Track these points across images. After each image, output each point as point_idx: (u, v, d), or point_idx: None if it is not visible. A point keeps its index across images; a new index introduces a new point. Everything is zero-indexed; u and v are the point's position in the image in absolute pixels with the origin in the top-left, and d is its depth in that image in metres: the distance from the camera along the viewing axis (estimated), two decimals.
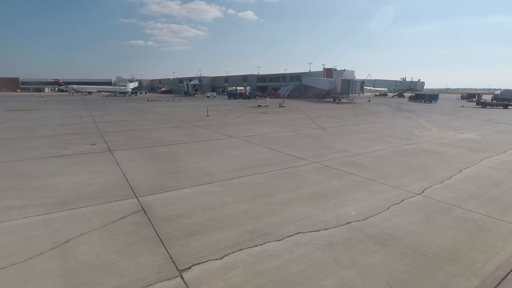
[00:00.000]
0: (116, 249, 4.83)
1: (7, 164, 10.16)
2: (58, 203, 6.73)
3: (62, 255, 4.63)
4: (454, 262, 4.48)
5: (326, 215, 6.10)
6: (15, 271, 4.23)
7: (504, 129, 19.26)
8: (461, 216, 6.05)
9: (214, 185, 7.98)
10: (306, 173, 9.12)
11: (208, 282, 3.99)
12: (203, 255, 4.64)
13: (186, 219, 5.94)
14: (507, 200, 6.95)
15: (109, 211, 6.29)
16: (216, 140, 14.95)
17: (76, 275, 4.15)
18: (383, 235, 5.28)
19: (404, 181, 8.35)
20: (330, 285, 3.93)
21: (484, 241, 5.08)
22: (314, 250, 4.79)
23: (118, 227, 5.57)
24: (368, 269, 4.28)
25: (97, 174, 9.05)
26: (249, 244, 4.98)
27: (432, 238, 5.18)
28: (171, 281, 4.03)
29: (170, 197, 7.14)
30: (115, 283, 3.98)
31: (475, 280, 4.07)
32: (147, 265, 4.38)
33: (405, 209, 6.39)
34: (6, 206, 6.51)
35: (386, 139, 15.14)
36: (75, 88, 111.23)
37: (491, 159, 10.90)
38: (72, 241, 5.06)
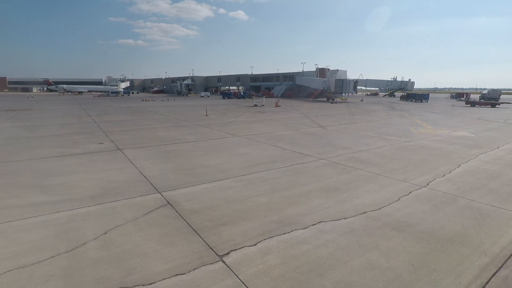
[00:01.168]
0: (154, 238, 5.17)
1: (22, 162, 10.30)
2: (85, 198, 7.00)
3: (105, 245, 4.95)
4: (465, 244, 4.98)
5: (343, 206, 6.55)
6: (67, 259, 4.53)
7: (494, 127, 20.17)
8: (465, 205, 6.60)
9: (231, 181, 8.35)
10: (315, 169, 9.58)
11: (248, 265, 4.38)
12: (237, 242, 5.02)
13: (212, 211, 6.30)
14: (505, 191, 7.55)
15: (137, 205, 6.60)
16: (222, 138, 15.29)
17: (124, 261, 4.48)
18: (398, 222, 5.76)
19: (409, 175, 8.88)
20: (359, 266, 4.37)
21: (489, 226, 5.61)
22: (338, 236, 5.23)
23: (150, 220, 5.90)
24: (389, 251, 4.75)
25: (115, 171, 9.31)
26: (277, 232, 5.38)
27: (442, 224, 5.69)
28: (214, 265, 4.40)
29: (191, 192, 7.48)
30: (163, 267, 4.33)
31: (485, 258, 4.57)
32: (187, 252, 4.74)
33: (414, 200, 6.90)
34: (36, 202, 6.75)
35: (385, 137, 15.75)
36: (65, 88, 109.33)
37: (486, 155, 11.58)
38: (110, 232, 5.37)
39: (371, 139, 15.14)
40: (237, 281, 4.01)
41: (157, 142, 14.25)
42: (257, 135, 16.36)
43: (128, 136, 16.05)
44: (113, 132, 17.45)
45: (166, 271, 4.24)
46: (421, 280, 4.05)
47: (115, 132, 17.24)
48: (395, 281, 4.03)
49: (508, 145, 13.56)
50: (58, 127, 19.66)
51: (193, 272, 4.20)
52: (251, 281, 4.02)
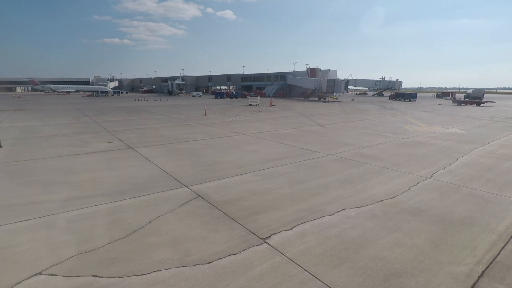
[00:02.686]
0: (198, 226, 5.63)
1: (39, 161, 10.50)
2: (116, 193, 7.37)
3: (154, 232, 5.38)
4: (474, 225, 5.67)
5: (360, 195, 7.17)
6: (124, 244, 4.95)
7: (483, 124, 21.37)
8: (469, 193, 7.33)
9: (250, 175, 8.85)
10: (326, 164, 10.19)
11: (291, 245, 4.92)
12: (275, 228, 5.55)
13: (242, 202, 6.80)
14: (501, 181, 8.35)
15: (170, 198, 7.03)
16: (228, 137, 15.74)
17: (178, 245, 4.93)
18: (412, 208, 6.42)
19: (413, 168, 9.60)
20: (387, 243, 4.97)
21: (492, 210, 6.34)
22: (363, 220, 5.83)
23: (187, 210, 6.35)
24: (411, 232, 5.38)
25: (135, 168, 9.65)
26: (308, 218, 5.94)
27: (451, 209, 6.38)
28: (259, 246, 4.92)
29: (216, 185, 7.95)
30: (214, 250, 4.81)
31: (493, 235, 5.26)
32: (232, 237, 5.24)
33: (423, 189, 7.59)
34: (71, 197, 7.07)
35: (383, 134, 16.57)
36: (52, 88, 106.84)
37: (479, 149, 12.49)
38: (154, 222, 5.80)
39: (371, 136, 15.92)
40: (285, 259, 4.54)
41: (165, 140, 14.58)
42: (261, 133, 16.89)
43: (134, 135, 16.29)
44: (118, 131, 17.62)
45: (219, 252, 4.73)
46: (443, 253, 4.69)
47: (120, 132, 17.42)
48: (421, 255, 4.65)
49: (497, 141, 14.57)
50: (59, 127, 19.64)
51: (244, 253, 4.71)
52: (297, 258, 4.56)
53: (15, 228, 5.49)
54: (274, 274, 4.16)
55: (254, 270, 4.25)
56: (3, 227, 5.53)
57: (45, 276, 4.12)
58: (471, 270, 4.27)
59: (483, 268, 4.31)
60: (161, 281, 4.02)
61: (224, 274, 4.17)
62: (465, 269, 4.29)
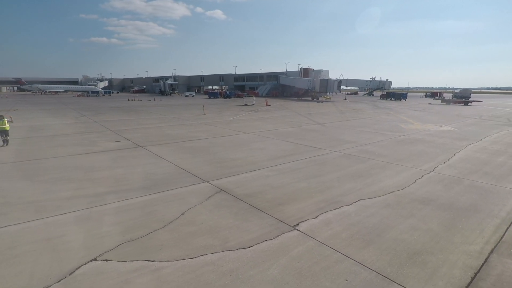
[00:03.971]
0: (229, 216, 6.05)
1: (53, 160, 10.67)
2: (141, 188, 7.70)
3: (190, 222, 5.77)
4: (478, 211, 6.28)
5: (372, 188, 7.72)
6: (166, 233, 5.33)
7: (473, 123, 22.41)
8: (470, 185, 7.98)
9: (265, 171, 9.30)
10: (334, 159, 10.73)
11: (319, 231, 5.40)
12: (301, 216, 6.02)
13: (264, 195, 7.25)
14: (497, 173, 9.06)
15: (195, 192, 7.41)
16: (232, 135, 16.14)
17: (215, 233, 5.35)
18: (421, 198, 6.99)
19: (415, 163, 10.24)
20: (405, 228, 5.51)
21: (493, 199, 6.98)
22: (379, 209, 6.37)
23: (214, 203, 6.75)
24: (423, 218, 5.93)
25: (151, 165, 9.96)
26: (328, 208, 6.43)
27: (456, 198, 6.99)
28: (291, 232, 5.38)
29: (235, 180, 8.36)
30: (250, 236, 5.25)
31: (496, 220, 5.87)
32: (263, 225, 5.68)
33: (428, 182, 8.20)
34: (98, 192, 7.37)
35: (382, 132, 17.28)
36: (40, 88, 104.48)
37: (473, 146, 13.28)
38: (187, 213, 6.19)
39: (370, 134, 16.59)
40: (317, 242, 5.02)
41: (172, 139, 14.87)
42: (263, 132, 17.35)
43: (140, 134, 16.49)
44: (122, 131, 17.78)
45: (255, 238, 5.17)
46: (455, 235, 5.25)
47: (124, 131, 17.58)
48: (436, 237, 5.20)
49: (488, 138, 15.45)
50: (61, 127, 19.61)
51: (278, 238, 5.16)
52: (328, 241, 5.04)
53: (56, 221, 5.78)
54: (310, 255, 4.62)
55: (292, 252, 4.70)
56: (43, 220, 5.82)
57: (101, 261, 4.47)
58: (482, 248, 4.84)
59: (492, 247, 4.89)
60: (210, 263, 4.44)
61: (265, 256, 4.61)
62: (476, 248, 4.86)
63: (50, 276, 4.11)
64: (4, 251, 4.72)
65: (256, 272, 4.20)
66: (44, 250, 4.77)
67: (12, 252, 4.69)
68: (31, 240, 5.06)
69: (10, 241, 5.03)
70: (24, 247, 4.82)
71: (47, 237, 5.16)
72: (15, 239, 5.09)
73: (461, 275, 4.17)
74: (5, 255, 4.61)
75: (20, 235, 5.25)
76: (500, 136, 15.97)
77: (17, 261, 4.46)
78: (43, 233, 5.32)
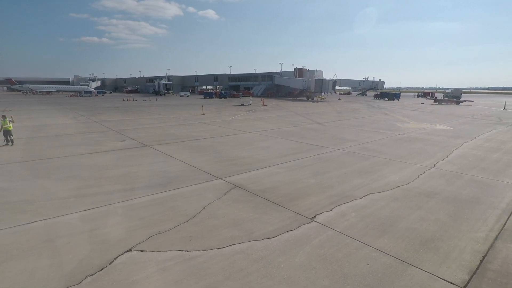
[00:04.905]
0: (248, 210, 6.36)
1: (64, 159, 10.81)
2: (157, 185, 7.95)
3: (213, 216, 6.07)
4: (480, 203, 6.73)
5: (379, 183, 8.12)
6: (191, 226, 5.62)
7: (466, 121, 23.16)
8: (470, 179, 8.46)
9: (274, 168, 9.63)
10: (338, 157, 11.14)
11: (336, 222, 5.76)
12: (316, 210, 6.37)
13: (278, 190, 7.58)
14: (494, 169, 9.58)
15: (211, 188, 7.70)
16: (235, 134, 16.43)
17: (239, 225, 5.66)
18: (426, 192, 7.43)
19: (416, 160, 10.71)
20: (414, 218, 5.92)
21: (493, 192, 7.46)
22: (388, 202, 6.76)
23: (231, 198, 7.05)
24: (431, 210, 6.35)
25: (162, 164, 10.20)
26: (341, 202, 6.80)
27: (459, 192, 7.44)
28: (310, 224, 5.72)
29: (247, 177, 8.67)
30: (272, 228, 5.57)
31: (497, 210, 6.33)
32: (282, 217, 6.01)
33: (430, 177, 8.66)
34: (116, 189, 7.60)
35: (380, 131, 17.80)
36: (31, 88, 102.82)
37: (468, 143, 13.86)
38: (208, 208, 6.48)
39: (369, 133, 17.08)
40: (336, 232, 5.37)
41: (176, 139, 15.08)
42: (265, 131, 17.69)
43: (143, 134, 16.65)
44: (124, 130, 17.90)
45: (277, 229, 5.50)
46: (462, 224, 5.68)
47: (127, 131, 17.71)
48: (444, 226, 5.61)
49: (482, 136, 16.10)
50: (62, 127, 19.61)
51: (299, 229, 5.50)
52: (346, 231, 5.40)
53: (84, 216, 6.02)
54: (332, 243, 4.98)
55: (314, 241, 5.05)
56: (71, 215, 6.04)
57: (136, 252, 4.74)
58: (487, 235, 5.27)
59: (496, 234, 5.33)
60: (240, 251, 4.75)
61: (290, 245, 4.95)
62: (482, 235, 5.29)
63: (92, 265, 4.36)
64: (43, 244, 4.95)
65: (285, 259, 4.53)
66: (80, 242, 5.01)
67: (50, 245, 4.92)
68: (65, 233, 5.29)
69: (45, 234, 5.25)
70: (60, 240, 5.06)
71: (79, 231, 5.40)
72: (49, 232, 5.32)
73: (471, 258, 4.58)
74: (45, 247, 4.84)
75: (53, 229, 5.47)
76: (493, 134, 16.65)
77: (57, 252, 4.70)
78: (74, 227, 5.56)
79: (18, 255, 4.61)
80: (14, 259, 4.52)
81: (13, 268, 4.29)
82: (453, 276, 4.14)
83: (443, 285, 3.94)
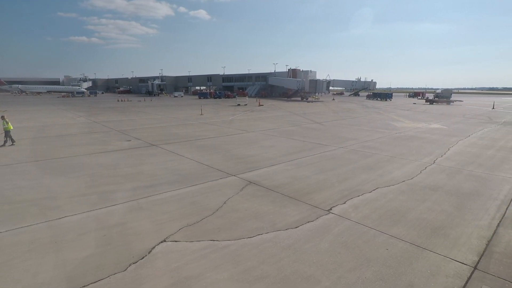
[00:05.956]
0: (267, 204, 6.73)
1: (75, 158, 10.98)
2: (174, 182, 8.25)
3: (234, 209, 6.41)
4: (481, 195, 7.26)
5: (384, 178, 8.60)
6: (217, 219, 5.96)
7: (458, 121, 24.02)
8: (469, 174, 9.02)
9: (283, 165, 10.02)
10: (342, 155, 11.60)
11: (352, 213, 6.18)
12: (330, 203, 6.78)
13: (291, 186, 7.97)
14: (490, 164, 10.19)
15: (227, 185, 8.04)
16: (238, 134, 16.77)
17: (262, 217, 6.02)
18: (430, 186, 7.93)
19: (416, 156, 11.26)
20: (423, 209, 6.39)
21: (491, 184, 8.02)
22: (396, 195, 7.23)
23: (249, 193, 7.41)
24: (436, 201, 6.84)
25: (173, 162, 10.48)
26: (352, 195, 7.23)
27: (460, 185, 7.97)
28: (327, 215, 6.13)
29: (259, 174, 9.04)
30: (293, 219, 5.96)
31: (497, 201, 6.87)
32: (301, 210, 6.40)
33: (432, 172, 9.18)
34: (136, 186, 7.87)
35: (378, 130, 18.39)
36: (20, 88, 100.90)
37: (463, 141, 14.53)
38: (228, 202, 6.82)
39: (368, 131, 17.65)
40: (352, 222, 5.79)
41: (181, 138, 15.33)
42: (267, 130, 18.08)
43: (147, 134, 16.84)
44: (127, 130, 18.04)
45: (298, 220, 5.88)
46: (466, 214, 6.17)
47: (129, 131, 17.85)
48: (451, 216, 6.10)
49: (475, 134, 16.85)
50: (63, 127, 19.60)
51: (318, 220, 5.90)
52: (361, 221, 5.83)
53: (111, 211, 6.29)
54: (351, 232, 5.40)
55: (334, 230, 5.46)
56: (98, 210, 6.31)
57: (171, 242, 5.06)
58: (490, 223, 5.77)
59: (497, 222, 5.83)
60: (268, 240, 5.12)
61: (313, 233, 5.34)
62: (485, 223, 5.78)
63: (132, 255, 4.67)
64: (76, 237, 5.22)
65: (310, 246, 4.92)
66: (114, 234, 5.30)
67: (87, 237, 5.20)
68: (97, 227, 5.57)
69: (79, 228, 5.52)
70: (95, 233, 5.33)
71: (111, 225, 5.68)
72: (82, 226, 5.59)
73: (478, 243, 5.05)
74: (83, 239, 5.12)
75: (84, 223, 5.74)
76: (486, 133, 17.42)
77: (96, 243, 4.98)
78: (104, 221, 5.83)
79: (61, 248, 4.88)
80: (60, 250, 4.78)
81: (67, 257, 4.56)
82: (464, 257, 4.60)
83: (456, 266, 4.40)
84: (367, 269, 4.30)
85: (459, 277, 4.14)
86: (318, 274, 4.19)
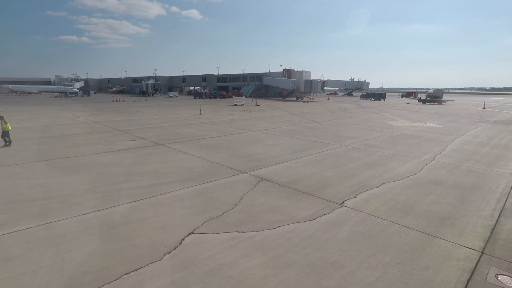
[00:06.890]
0: (282, 198, 7.07)
1: (85, 157, 11.14)
2: (188, 179, 8.52)
3: (252, 204, 6.74)
4: (481, 189, 7.74)
5: (389, 174, 9.03)
6: (238, 213, 6.28)
7: (452, 120, 24.78)
8: (468, 169, 9.52)
9: (290, 163, 10.38)
10: (345, 153, 12.02)
11: (363, 206, 6.56)
12: (342, 197, 7.16)
13: (302, 182, 8.33)
14: (487, 161, 10.74)
15: (240, 181, 8.35)
16: (241, 133, 17.08)
17: (279, 211, 6.36)
18: (433, 181, 8.39)
19: (416, 154, 11.75)
20: (429, 202, 6.82)
21: (490, 179, 8.52)
22: (402, 190, 7.65)
23: (263, 189, 7.74)
24: (440, 195, 7.28)
25: (183, 161, 10.74)
26: (361, 190, 7.63)
27: (461, 180, 8.45)
28: (341, 208, 6.50)
29: (269, 171, 9.37)
30: (308, 212, 6.31)
31: (496, 194, 7.35)
32: (315, 204, 6.76)
33: (433, 168, 9.66)
34: (152, 184, 8.12)
35: (376, 129, 18.92)
36: (11, 88, 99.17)
37: (459, 139, 15.13)
38: (245, 197, 7.14)
39: (367, 130, 18.16)
40: (365, 214, 6.18)
41: (186, 138, 15.57)
42: (268, 130, 18.43)
43: (151, 133, 17.01)
44: (130, 130, 18.17)
45: (315, 213, 6.24)
46: (469, 206, 6.62)
47: (132, 131, 17.99)
48: (455, 208, 6.54)
49: (469, 132, 17.51)
50: (63, 127, 19.60)
51: (334, 212, 6.27)
52: (373, 213, 6.22)
53: (134, 207, 6.54)
54: (365, 222, 5.78)
55: (350, 221, 5.84)
56: (121, 206, 6.55)
57: (199, 234, 5.36)
58: (492, 213, 6.22)
59: (498, 212, 6.30)
60: (289, 231, 5.46)
61: (330, 225, 5.70)
62: (487, 213, 6.24)
63: (165, 245, 4.95)
64: (107, 230, 5.47)
65: (330, 236, 5.28)
66: (142, 228, 5.57)
67: (117, 231, 5.46)
68: (123, 222, 5.83)
69: (105, 223, 5.77)
70: (124, 227, 5.59)
71: (136, 219, 5.94)
72: (108, 221, 5.84)
73: (483, 231, 5.49)
74: (113, 233, 5.38)
75: (110, 218, 5.99)
76: (479, 131, 18.11)
77: (127, 236, 5.25)
78: (128, 216, 6.08)
79: (95, 240, 5.13)
80: (95, 242, 5.04)
81: (105, 248, 4.82)
82: (471, 243, 5.02)
83: (465, 251, 4.81)
84: (385, 255, 4.68)
85: (469, 260, 4.55)
86: (341, 259, 4.55)
